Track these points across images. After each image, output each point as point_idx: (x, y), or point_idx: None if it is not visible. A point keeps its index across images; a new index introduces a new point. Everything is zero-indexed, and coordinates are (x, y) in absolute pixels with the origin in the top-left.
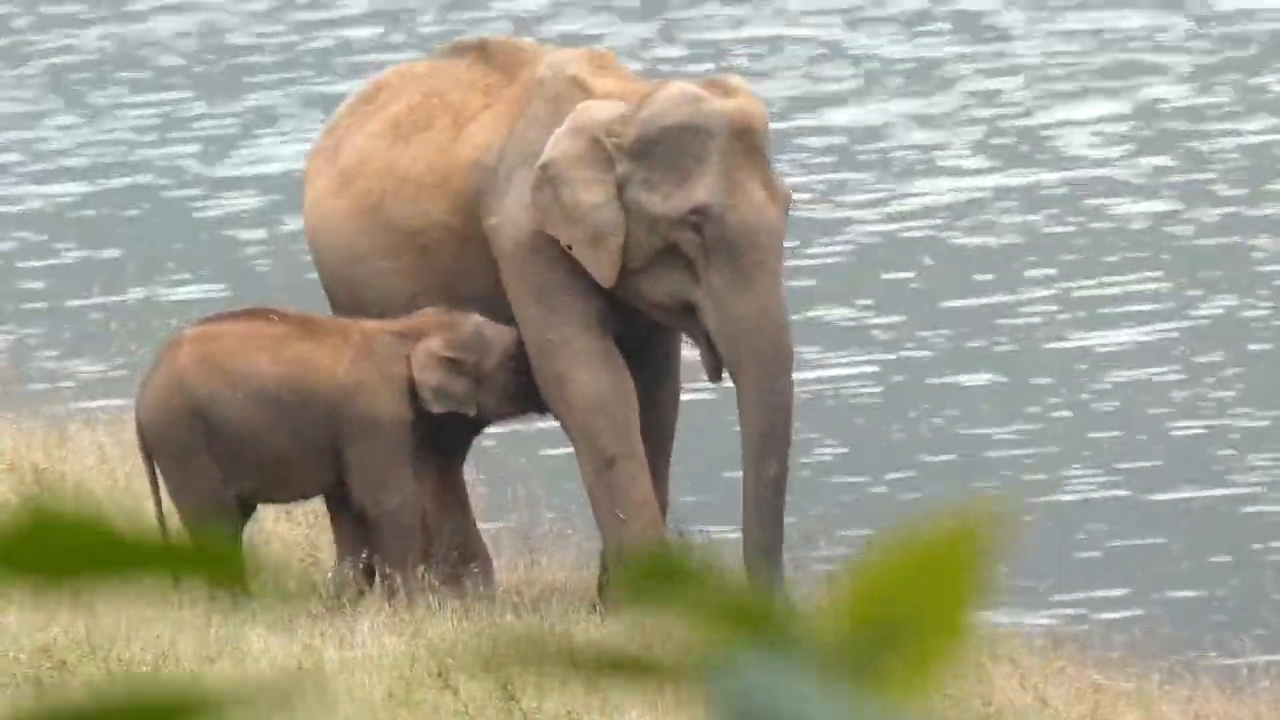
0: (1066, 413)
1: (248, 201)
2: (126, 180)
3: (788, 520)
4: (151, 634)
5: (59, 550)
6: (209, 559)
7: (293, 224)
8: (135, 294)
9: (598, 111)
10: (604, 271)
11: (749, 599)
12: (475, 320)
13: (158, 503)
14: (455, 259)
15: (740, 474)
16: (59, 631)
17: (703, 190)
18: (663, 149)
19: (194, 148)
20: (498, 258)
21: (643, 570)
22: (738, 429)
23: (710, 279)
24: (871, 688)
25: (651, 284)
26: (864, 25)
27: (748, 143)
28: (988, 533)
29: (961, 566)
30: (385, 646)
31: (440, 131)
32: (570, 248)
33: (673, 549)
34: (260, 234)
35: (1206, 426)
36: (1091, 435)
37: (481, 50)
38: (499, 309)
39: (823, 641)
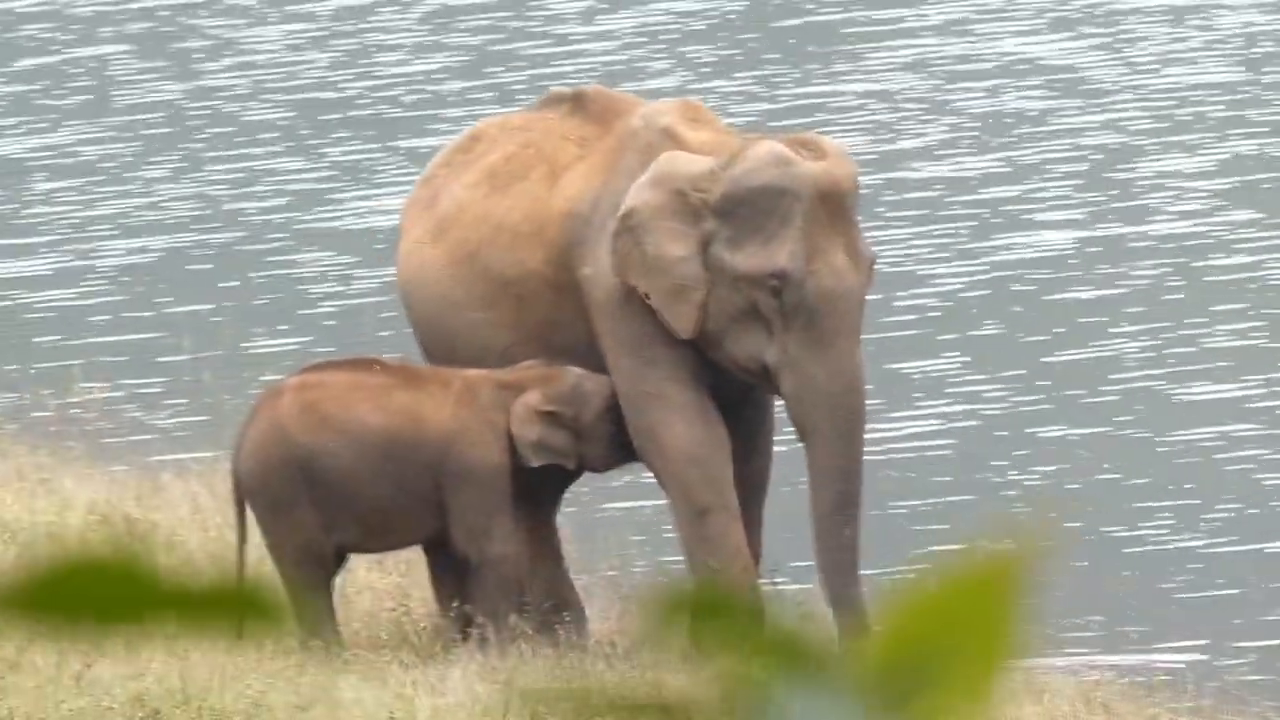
0: (1154, 462)
1: (330, 257)
2: (215, 235)
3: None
4: (244, 684)
5: (80, 593)
6: (236, 600)
7: (370, 280)
8: (224, 348)
9: (682, 164)
10: (683, 324)
11: (788, 636)
12: (575, 373)
13: (242, 552)
14: (550, 309)
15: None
16: (152, 681)
17: (784, 255)
18: (748, 209)
19: (281, 200)
20: (590, 308)
21: (676, 606)
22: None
23: (787, 342)
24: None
25: (731, 342)
26: (954, 77)
27: (833, 206)
28: (1025, 565)
29: (999, 599)
30: (478, 695)
31: (536, 182)
32: (649, 297)
33: (709, 587)
34: (341, 288)
35: None
36: (1176, 485)
37: (577, 101)
38: (594, 360)
39: (861, 677)
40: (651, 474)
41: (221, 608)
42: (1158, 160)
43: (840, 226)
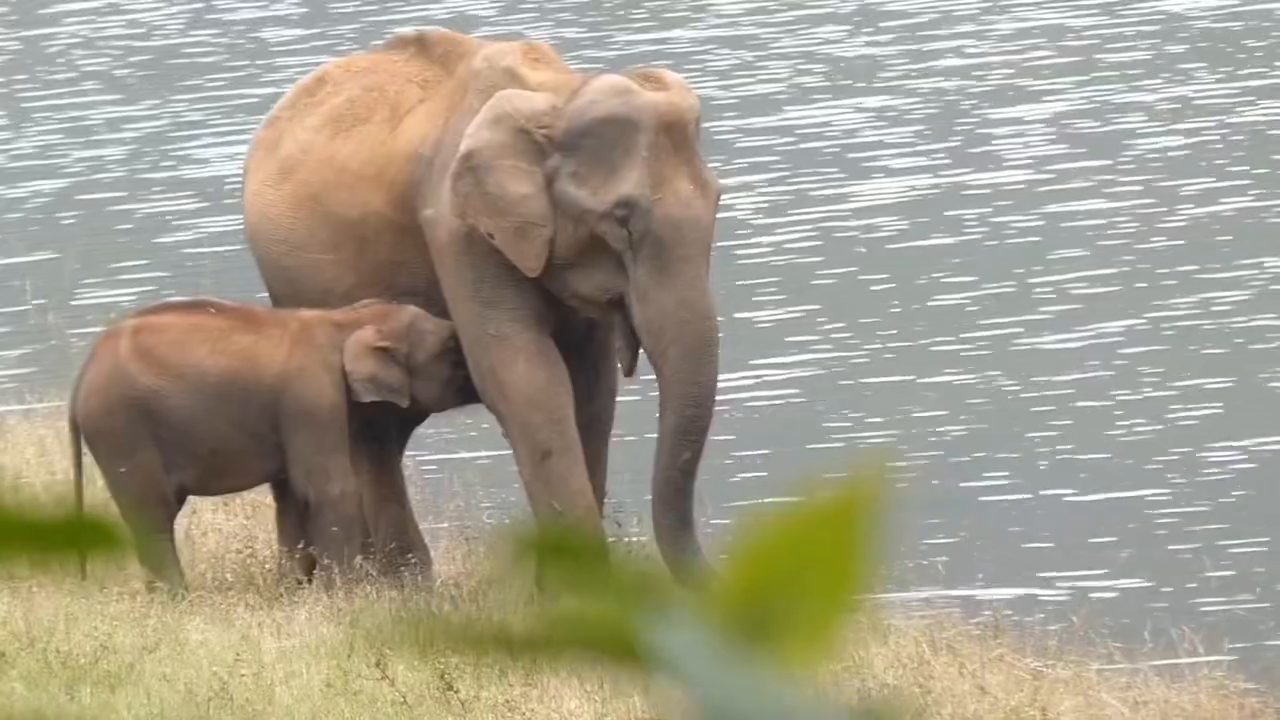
0: (1011, 410)
1: (176, 204)
2: (56, 183)
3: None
4: (90, 625)
5: None
6: (85, 531)
7: (222, 224)
8: (73, 296)
9: (520, 101)
10: (528, 262)
11: (636, 574)
12: (412, 311)
13: (80, 493)
14: (392, 251)
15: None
16: None
17: (630, 183)
18: (592, 141)
19: (120, 151)
20: (432, 250)
21: (522, 546)
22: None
23: (637, 272)
24: (763, 656)
25: (579, 277)
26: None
27: (676, 135)
28: (874, 498)
29: (849, 533)
30: (323, 636)
31: (378, 124)
32: (493, 237)
33: (555, 527)
34: (190, 235)
35: (1150, 430)
36: (1033, 434)
37: (420, 44)
38: (437, 302)
39: (714, 614)
40: (494, 416)
41: (66, 539)
42: (1008, 108)
43: (684, 155)
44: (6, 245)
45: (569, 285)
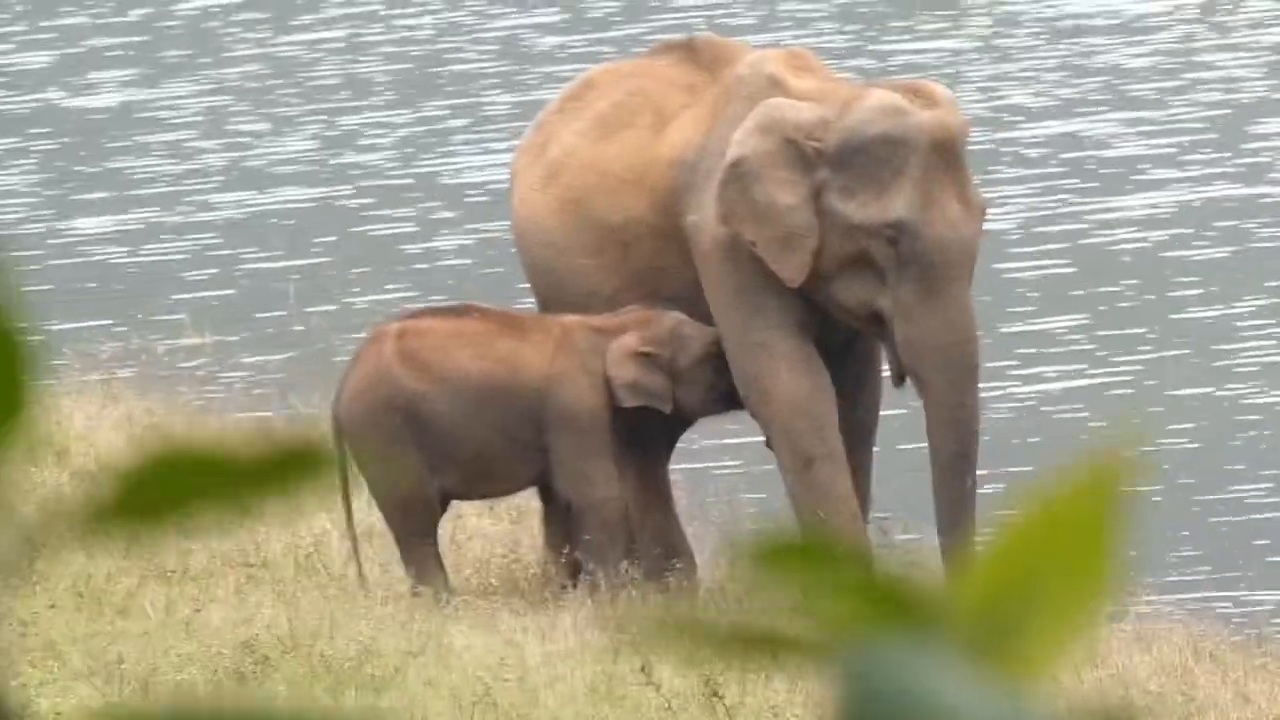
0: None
1: (435, 212)
2: (316, 190)
3: None
4: (354, 630)
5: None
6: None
7: (477, 232)
8: (335, 299)
9: (789, 111)
10: (790, 273)
11: (879, 578)
12: (675, 317)
13: (347, 497)
14: (655, 256)
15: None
16: (261, 627)
17: (900, 204)
18: (863, 158)
19: (379, 157)
20: (696, 256)
21: (768, 549)
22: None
23: (900, 290)
24: (1004, 664)
25: (842, 289)
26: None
27: (947, 156)
28: (1120, 487)
29: (1095, 525)
30: (588, 641)
31: (643, 129)
32: (755, 245)
33: (797, 531)
34: (449, 244)
35: None
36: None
37: (688, 49)
38: (700, 307)
39: (955, 617)
40: (757, 422)
41: (276, 472)
42: (1271, 120)
43: (953, 175)
44: (270, 248)
45: (831, 297)
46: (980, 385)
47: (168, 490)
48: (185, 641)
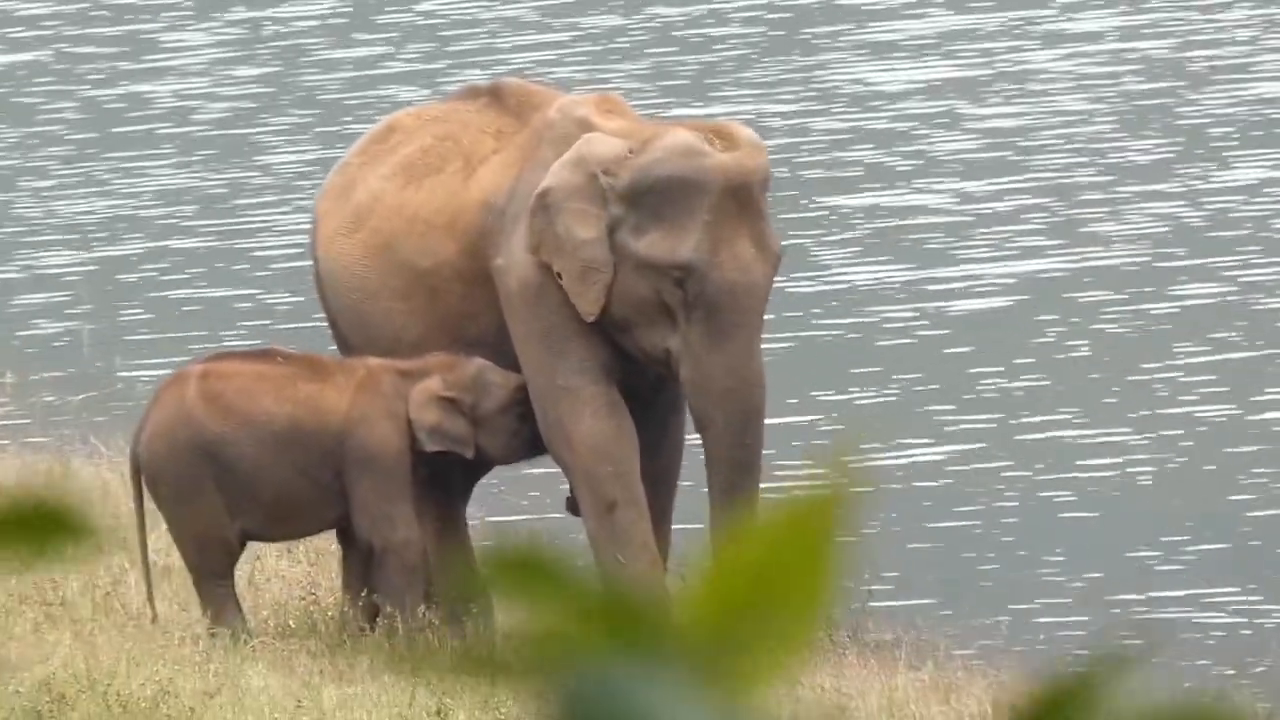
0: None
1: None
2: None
3: None
4: (151, 669)
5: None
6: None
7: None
8: (128, 336)
9: (599, 146)
10: (587, 306)
11: (608, 595)
12: (479, 363)
13: (143, 537)
14: (463, 301)
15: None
16: (59, 665)
17: (688, 247)
18: (654, 198)
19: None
20: (502, 300)
21: (506, 562)
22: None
23: (689, 332)
24: (726, 680)
25: (636, 329)
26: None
27: (742, 198)
28: (842, 505)
29: (815, 541)
30: (384, 684)
31: (452, 175)
32: (560, 276)
33: (534, 545)
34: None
35: None
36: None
37: (494, 94)
38: (506, 354)
39: (680, 634)
40: (559, 467)
41: (34, 527)
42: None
43: (748, 218)
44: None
45: (628, 336)
46: (763, 435)
47: None
48: None
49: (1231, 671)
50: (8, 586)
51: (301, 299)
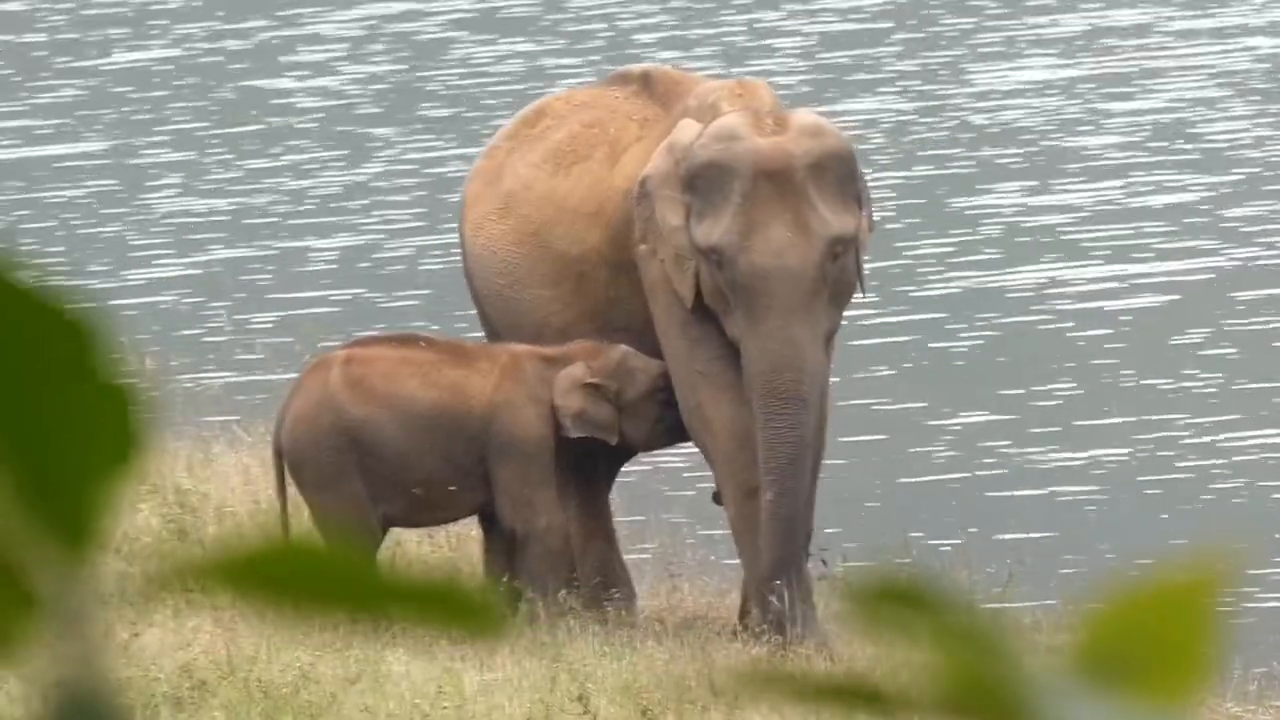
0: None
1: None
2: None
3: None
4: (292, 656)
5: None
6: (455, 604)
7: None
8: (273, 321)
9: (682, 133)
10: (683, 292)
11: (985, 630)
12: (623, 350)
13: (285, 523)
14: (608, 287)
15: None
16: (199, 651)
17: (720, 231)
18: (702, 183)
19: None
20: (645, 286)
21: (877, 595)
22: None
23: (735, 316)
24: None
25: (720, 314)
26: None
27: (780, 183)
28: (1221, 581)
29: (1196, 613)
30: (525, 670)
31: (598, 162)
32: (664, 263)
33: (906, 577)
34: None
35: None
36: None
37: (643, 81)
38: (648, 341)
39: (1057, 678)
40: (700, 451)
41: (439, 608)
42: None
43: (788, 202)
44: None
45: (726, 324)
46: (801, 422)
47: (298, 584)
48: (123, 666)
49: None
50: (147, 573)
51: (430, 293)
